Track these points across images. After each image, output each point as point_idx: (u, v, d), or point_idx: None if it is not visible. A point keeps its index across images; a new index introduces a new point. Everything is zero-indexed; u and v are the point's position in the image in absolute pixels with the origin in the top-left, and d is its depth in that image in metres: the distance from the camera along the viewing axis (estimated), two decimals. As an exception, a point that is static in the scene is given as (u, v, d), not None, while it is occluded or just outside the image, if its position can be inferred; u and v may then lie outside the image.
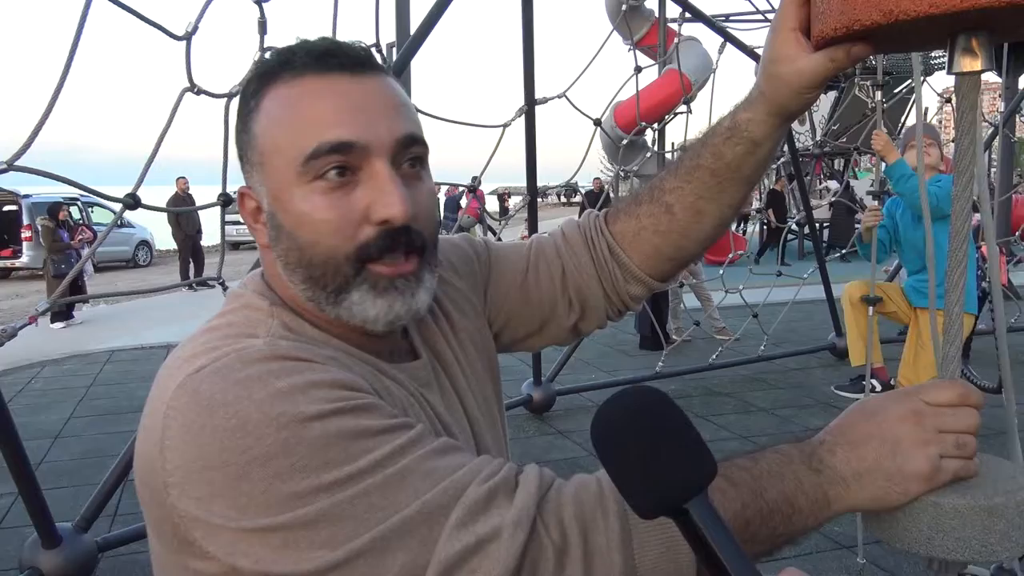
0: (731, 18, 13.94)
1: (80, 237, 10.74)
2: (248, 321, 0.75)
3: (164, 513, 0.65)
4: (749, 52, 5.43)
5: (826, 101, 15.50)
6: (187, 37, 2.71)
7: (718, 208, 0.94)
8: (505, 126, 4.53)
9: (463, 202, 14.99)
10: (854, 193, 12.69)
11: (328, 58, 0.75)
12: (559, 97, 4.80)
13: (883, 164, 4.19)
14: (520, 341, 1.05)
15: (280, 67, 0.76)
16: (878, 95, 3.77)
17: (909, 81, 11.07)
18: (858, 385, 5.14)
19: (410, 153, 0.76)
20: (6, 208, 16.58)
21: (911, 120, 12.90)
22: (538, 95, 4.72)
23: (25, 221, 15.36)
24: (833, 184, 16.58)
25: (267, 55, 0.80)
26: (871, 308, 3.52)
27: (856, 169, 17.02)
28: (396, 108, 0.76)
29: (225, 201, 3.05)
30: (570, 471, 0.72)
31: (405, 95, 0.80)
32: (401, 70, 3.95)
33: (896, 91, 12.95)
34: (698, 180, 0.92)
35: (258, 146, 0.76)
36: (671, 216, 0.95)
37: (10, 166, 2.15)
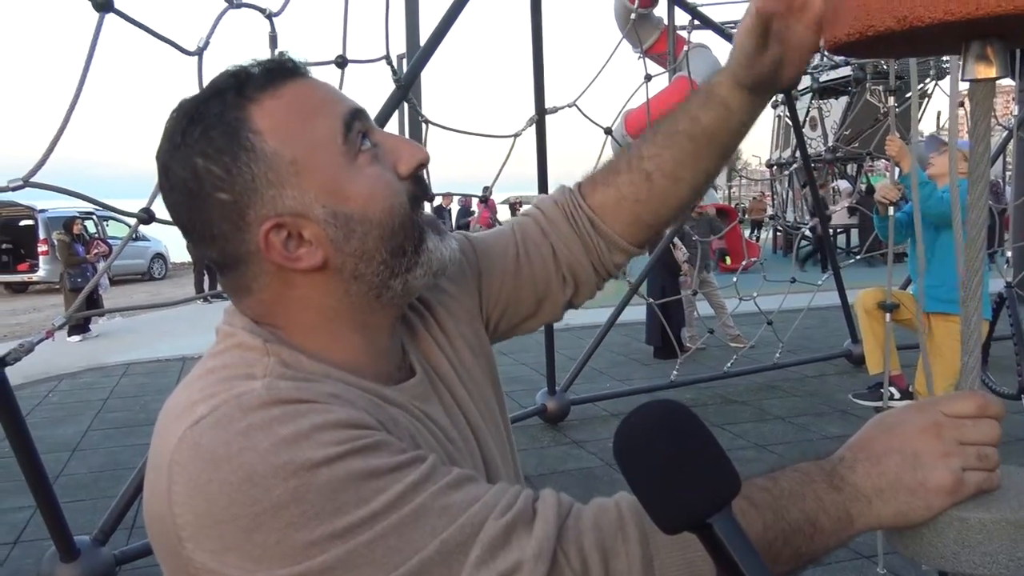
0: (741, 25, 13.91)
1: (95, 251, 10.83)
2: (244, 361, 0.72)
3: (180, 564, 0.65)
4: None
5: (838, 106, 15.44)
6: (199, 52, 2.74)
7: (694, 175, 0.96)
8: (516, 136, 4.54)
9: (475, 211, 15.01)
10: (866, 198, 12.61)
11: (281, 66, 0.76)
12: (569, 106, 4.81)
13: (897, 170, 4.17)
14: (518, 325, 1.05)
15: (244, 91, 0.73)
16: (891, 100, 3.75)
17: (922, 85, 11.02)
18: (876, 393, 5.10)
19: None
20: (23, 223, 16.75)
21: (923, 125, 12.83)
22: (548, 104, 4.73)
23: (41, 235, 15.51)
24: (843, 184, 16.51)
25: (201, 98, 0.75)
26: (888, 315, 3.49)
27: (869, 174, 16.94)
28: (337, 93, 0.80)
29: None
30: (585, 481, 0.72)
31: None
32: (412, 81, 3.97)
33: (908, 95, 12.87)
34: (676, 146, 0.94)
35: (285, 158, 0.71)
36: (650, 184, 0.97)
37: (26, 182, 2.17)
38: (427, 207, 0.85)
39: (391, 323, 0.81)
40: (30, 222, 16.35)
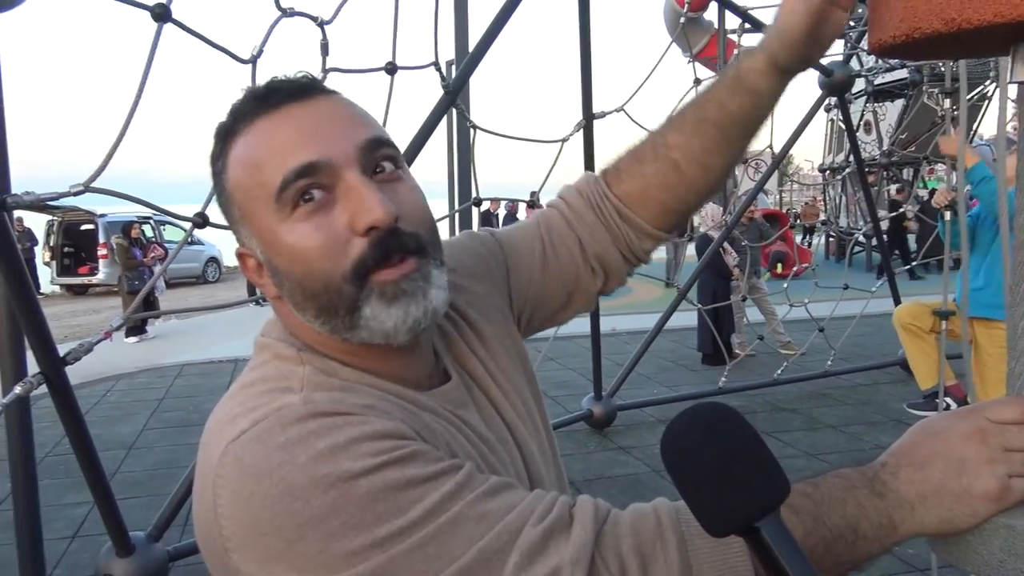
0: (793, 27, 13.70)
1: (152, 255, 11.10)
2: (281, 374, 0.74)
3: (229, 573, 0.66)
4: (812, 61, 5.33)
5: (893, 109, 15.11)
6: (252, 60, 2.79)
7: (723, 160, 0.96)
8: (563, 141, 4.54)
9: (520, 217, 15.02)
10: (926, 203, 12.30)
11: (271, 94, 0.74)
12: (617, 111, 4.79)
13: (954, 174, 4.06)
14: (550, 318, 1.05)
15: (235, 121, 0.76)
16: (947, 102, 3.66)
17: (981, 87, 10.73)
18: (931, 403, 4.98)
19: (379, 156, 0.74)
20: (84, 227, 17.27)
21: (984, 127, 12.47)
22: (596, 109, 4.72)
23: (101, 239, 15.97)
24: (894, 188, 16.14)
25: (221, 123, 0.78)
26: (944, 322, 3.41)
27: (927, 179, 16.54)
28: (351, 119, 0.75)
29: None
30: (631, 487, 0.71)
31: (361, 108, 0.79)
32: (460, 87, 4.00)
33: (967, 97, 12.51)
34: (704, 134, 0.94)
35: (235, 201, 0.76)
36: (678, 172, 0.96)
37: (87, 187, 2.24)
38: (475, 213, 0.85)
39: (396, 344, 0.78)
40: (91, 226, 16.85)
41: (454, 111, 4.20)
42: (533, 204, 4.80)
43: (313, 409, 0.67)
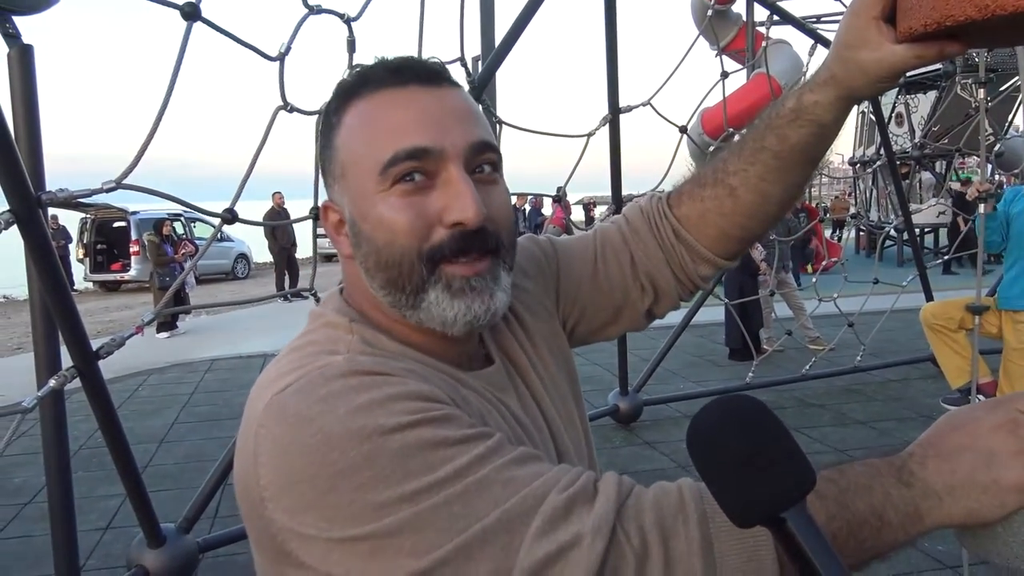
0: (822, 19, 13.56)
1: (183, 251, 11.24)
2: (329, 339, 0.78)
3: (263, 525, 0.68)
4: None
5: (925, 101, 14.88)
6: (280, 58, 2.81)
7: (783, 189, 0.94)
8: (590, 135, 4.52)
9: (547, 212, 15.02)
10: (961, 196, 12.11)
11: (403, 71, 0.78)
12: (644, 105, 4.77)
13: (988, 167, 3.99)
14: (597, 331, 1.06)
15: (360, 84, 0.80)
16: (981, 93, 3.60)
17: (1016, 79, 10.52)
18: (966, 398, 4.91)
19: (483, 159, 0.78)
20: (116, 224, 17.53)
21: (1020, 119, 12.23)
22: (623, 103, 4.69)
23: (133, 236, 16.21)
24: (926, 176, 15.88)
25: (347, 75, 0.83)
26: (977, 317, 3.36)
27: (960, 172, 16.28)
28: (469, 116, 0.79)
29: (318, 215, 3.14)
30: (657, 482, 0.71)
31: (477, 106, 0.83)
32: (486, 82, 4.00)
33: (1002, 89, 12.31)
34: (762, 163, 0.92)
35: (340, 159, 0.80)
36: (735, 198, 0.95)
37: (119, 184, 2.28)
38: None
39: None
40: (123, 224, 17.10)
41: (480, 106, 4.20)
42: (559, 199, 4.79)
43: (356, 367, 0.71)
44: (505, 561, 0.63)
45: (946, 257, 8.90)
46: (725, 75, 5.26)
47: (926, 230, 14.48)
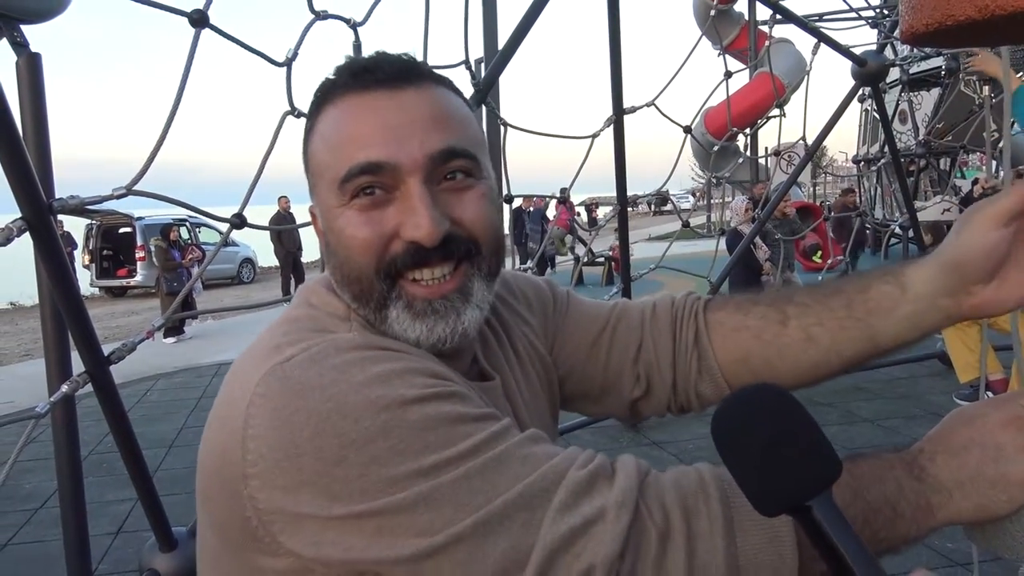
0: (824, 17, 13.54)
1: (190, 256, 11.28)
2: (329, 315, 0.76)
3: (235, 507, 0.64)
4: (844, 51, 5.27)
5: (929, 98, 14.84)
6: (287, 63, 2.83)
7: (828, 345, 0.87)
8: (594, 137, 4.53)
9: (550, 213, 15.01)
10: (968, 194, 12.07)
11: (365, 75, 0.74)
12: (648, 106, 4.78)
13: (994, 163, 3.99)
14: (575, 400, 1.01)
15: (330, 87, 0.77)
16: (986, 90, 3.59)
17: (1021, 74, 10.50)
18: (977, 395, 4.89)
19: (452, 166, 0.74)
20: (122, 230, 17.60)
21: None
22: (627, 104, 4.70)
23: (139, 242, 16.27)
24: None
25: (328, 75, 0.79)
26: None
27: (964, 169, 16.22)
28: (434, 122, 0.74)
29: (324, 218, 3.16)
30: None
31: (453, 103, 0.78)
32: (490, 85, 4.01)
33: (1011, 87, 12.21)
34: (828, 306, 0.87)
35: (311, 167, 0.78)
36: (781, 328, 0.89)
37: (129, 190, 2.29)
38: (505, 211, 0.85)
39: None
40: (128, 229, 17.17)
41: (484, 109, 4.21)
42: (563, 201, 4.80)
43: (369, 341, 0.70)
44: (525, 537, 0.61)
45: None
46: (728, 74, 5.27)
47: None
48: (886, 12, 10.37)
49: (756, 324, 0.91)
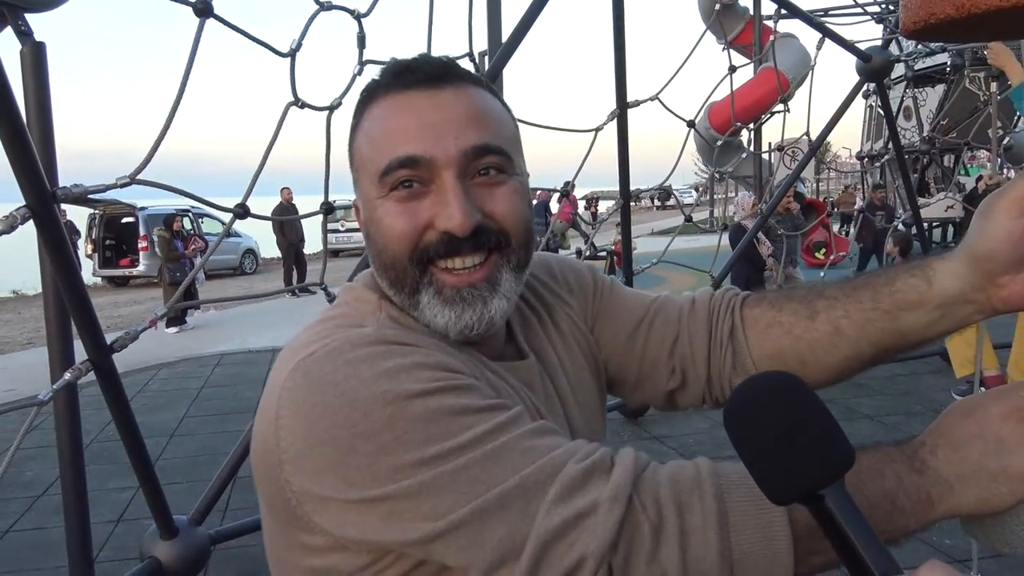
0: (830, 12, 13.51)
1: (193, 246, 11.29)
2: (358, 313, 0.81)
3: (277, 489, 0.70)
4: (849, 47, 5.25)
5: (933, 95, 14.81)
6: (291, 54, 2.83)
7: (856, 336, 0.87)
8: (597, 130, 4.52)
9: (553, 207, 15.00)
10: (973, 191, 12.04)
11: (406, 75, 0.80)
12: (652, 100, 4.76)
13: (999, 160, 3.98)
14: (614, 386, 1.03)
15: (375, 87, 0.82)
16: (993, 87, 3.59)
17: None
18: (972, 390, 4.90)
19: (485, 162, 0.79)
20: (124, 220, 17.60)
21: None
22: (630, 98, 4.69)
23: (142, 232, 16.28)
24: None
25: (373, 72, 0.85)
26: None
27: (969, 165, 16.18)
28: (469, 120, 0.78)
29: (327, 210, 3.16)
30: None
31: (488, 103, 0.82)
32: (493, 78, 4.01)
33: (1011, 82, 12.18)
34: (856, 298, 0.87)
35: (355, 162, 0.84)
36: (810, 323, 0.89)
37: (133, 179, 2.29)
38: None
39: None
40: (131, 219, 17.17)
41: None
42: (566, 194, 4.79)
43: (384, 337, 0.73)
44: (521, 526, 0.64)
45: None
46: (733, 69, 5.25)
47: (935, 224, 14.41)
48: (891, 8, 10.32)
49: (787, 320, 0.92)
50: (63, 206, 2.27)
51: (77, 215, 17.65)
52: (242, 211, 2.70)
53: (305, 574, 0.74)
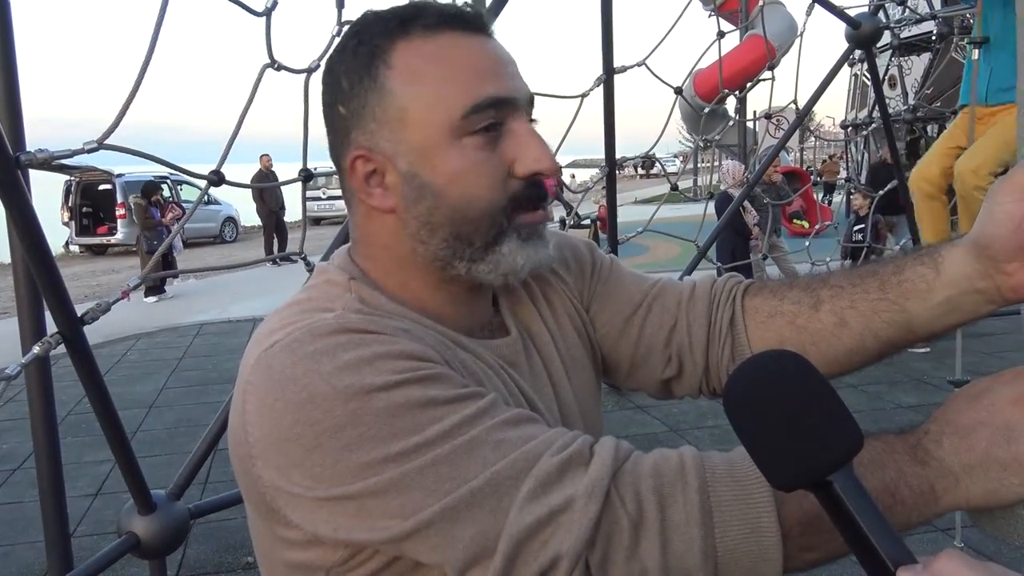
0: (817, -21, 13.40)
1: (171, 214, 11.14)
2: (326, 296, 0.76)
3: (252, 482, 0.68)
4: (838, 13, 5.17)
5: (919, 63, 14.79)
6: (267, 13, 2.73)
7: (861, 329, 0.83)
8: (583, 96, 4.45)
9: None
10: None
11: (457, 19, 0.75)
12: (638, 65, 4.69)
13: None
14: (606, 371, 0.99)
15: (408, 23, 0.75)
16: (975, 54, 3.54)
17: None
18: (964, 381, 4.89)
19: (531, 111, 0.79)
20: (102, 187, 17.33)
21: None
22: (617, 63, 4.62)
23: (119, 199, 16.04)
24: None
25: (379, 14, 0.78)
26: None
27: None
28: (518, 70, 0.79)
29: (306, 177, 3.08)
30: (650, 446, 0.69)
31: None
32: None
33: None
34: (862, 287, 0.83)
35: (396, 103, 0.74)
36: (814, 313, 0.86)
37: (100, 144, 2.21)
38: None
39: (469, 286, 0.80)
40: (108, 186, 16.90)
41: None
42: (551, 162, 4.73)
43: (345, 324, 0.69)
44: (493, 524, 0.62)
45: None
46: (721, 34, 5.17)
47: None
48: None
49: (791, 309, 0.88)
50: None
51: (53, 182, 17.37)
52: (216, 178, 2.61)
53: (287, 567, 0.72)
